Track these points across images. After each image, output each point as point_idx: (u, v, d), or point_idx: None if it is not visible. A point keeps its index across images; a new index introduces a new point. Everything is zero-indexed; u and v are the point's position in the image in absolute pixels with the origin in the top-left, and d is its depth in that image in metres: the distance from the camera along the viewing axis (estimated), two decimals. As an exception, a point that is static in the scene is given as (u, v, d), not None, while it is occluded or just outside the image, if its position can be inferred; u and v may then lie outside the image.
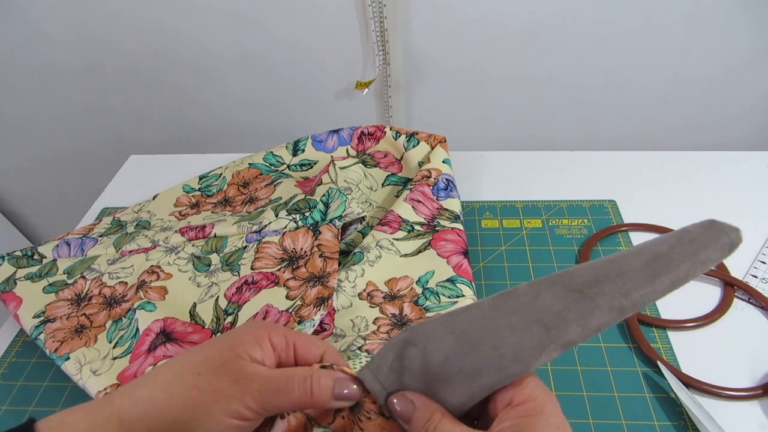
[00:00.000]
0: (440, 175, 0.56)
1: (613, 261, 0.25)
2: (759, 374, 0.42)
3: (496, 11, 0.77)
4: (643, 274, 0.23)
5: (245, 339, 0.26)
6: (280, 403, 0.25)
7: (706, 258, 0.24)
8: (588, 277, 0.24)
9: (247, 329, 0.27)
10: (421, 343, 0.25)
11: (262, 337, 0.27)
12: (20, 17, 0.84)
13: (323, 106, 0.93)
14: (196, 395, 0.25)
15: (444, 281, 0.48)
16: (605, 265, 0.24)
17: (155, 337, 0.44)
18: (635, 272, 0.24)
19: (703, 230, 0.25)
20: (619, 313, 0.23)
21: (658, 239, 0.25)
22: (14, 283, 0.51)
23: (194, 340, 0.44)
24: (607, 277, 0.24)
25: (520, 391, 0.23)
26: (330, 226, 0.52)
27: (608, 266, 0.24)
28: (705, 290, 0.49)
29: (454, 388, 0.24)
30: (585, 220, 0.57)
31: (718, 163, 0.63)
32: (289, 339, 0.27)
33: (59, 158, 1.08)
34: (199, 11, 0.81)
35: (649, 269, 0.23)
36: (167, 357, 0.41)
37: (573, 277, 0.25)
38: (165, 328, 0.44)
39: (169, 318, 0.45)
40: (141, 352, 0.43)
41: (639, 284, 0.23)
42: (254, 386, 0.25)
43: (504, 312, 0.25)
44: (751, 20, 0.75)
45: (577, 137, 0.94)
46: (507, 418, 0.22)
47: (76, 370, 0.43)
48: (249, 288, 0.48)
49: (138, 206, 0.62)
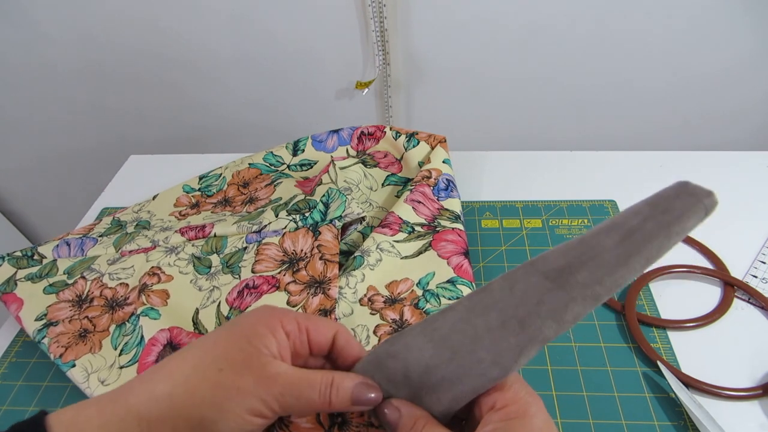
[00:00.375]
0: (440, 175, 0.56)
1: (585, 242, 0.24)
2: (759, 374, 0.42)
3: (497, 11, 0.77)
4: (616, 255, 0.23)
5: (259, 330, 0.26)
6: (300, 407, 0.25)
7: (680, 229, 0.23)
8: (560, 263, 0.24)
9: (259, 318, 0.27)
10: (401, 355, 0.25)
11: (275, 326, 0.26)
12: (21, 17, 0.84)
13: (323, 106, 0.93)
14: (221, 393, 0.24)
15: (444, 282, 0.48)
16: (578, 248, 0.24)
17: (162, 349, 0.44)
18: (608, 253, 0.23)
19: (676, 195, 0.24)
20: (595, 300, 0.23)
21: (630, 210, 0.24)
22: (15, 284, 0.51)
23: None
24: (581, 262, 0.23)
25: (504, 395, 0.23)
26: (330, 227, 0.52)
27: (581, 248, 0.24)
28: (705, 290, 0.49)
29: (438, 395, 0.24)
30: (585, 220, 0.57)
31: (718, 163, 0.63)
32: (301, 324, 0.27)
33: (59, 158, 1.08)
34: (200, 11, 0.81)
35: (622, 249, 0.23)
36: None
37: (546, 263, 0.24)
38: (171, 340, 0.44)
39: (174, 328, 0.45)
40: (149, 363, 0.43)
41: (613, 267, 0.23)
42: (277, 388, 0.25)
43: (480, 311, 0.24)
44: (751, 20, 0.75)
45: (577, 137, 0.94)
46: (490, 421, 0.23)
47: (83, 378, 0.43)
48: (250, 293, 0.48)
49: (138, 206, 0.62)
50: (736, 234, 0.53)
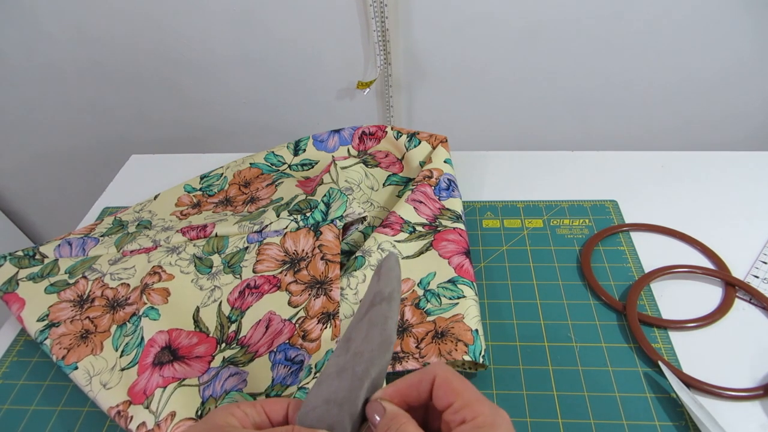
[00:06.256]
0: (442, 175, 0.56)
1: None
2: (760, 374, 0.42)
3: (498, 11, 0.77)
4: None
5: (218, 415, 0.27)
6: None
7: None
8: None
9: (214, 413, 0.28)
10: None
11: (232, 409, 0.28)
12: (22, 16, 0.84)
13: (324, 105, 0.93)
14: None
15: (445, 282, 0.48)
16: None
17: (160, 351, 0.43)
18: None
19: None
20: None
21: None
22: (16, 283, 0.51)
23: (200, 353, 0.44)
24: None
25: (471, 410, 0.25)
26: (331, 227, 0.52)
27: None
28: (706, 290, 0.49)
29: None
30: (586, 220, 0.57)
31: (718, 163, 0.63)
32: (256, 404, 0.28)
33: (61, 158, 1.08)
34: (201, 11, 0.81)
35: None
36: (176, 378, 0.41)
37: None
38: (170, 343, 0.44)
39: (173, 330, 0.45)
40: (147, 365, 0.43)
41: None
42: None
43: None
44: (752, 21, 0.75)
45: (579, 137, 0.94)
46: None
47: (86, 381, 0.43)
48: (251, 292, 0.48)
49: (139, 206, 0.62)
50: (737, 234, 0.53)
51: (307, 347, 0.44)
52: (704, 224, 0.54)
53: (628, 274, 0.51)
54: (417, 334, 0.44)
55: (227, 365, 0.43)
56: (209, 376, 0.42)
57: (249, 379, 0.42)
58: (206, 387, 0.41)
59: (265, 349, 0.44)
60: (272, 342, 0.44)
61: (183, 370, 0.42)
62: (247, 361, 0.43)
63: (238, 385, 0.41)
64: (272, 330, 0.45)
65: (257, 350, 0.44)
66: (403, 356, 0.42)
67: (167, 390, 0.40)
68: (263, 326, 0.46)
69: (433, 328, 0.44)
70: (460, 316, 0.44)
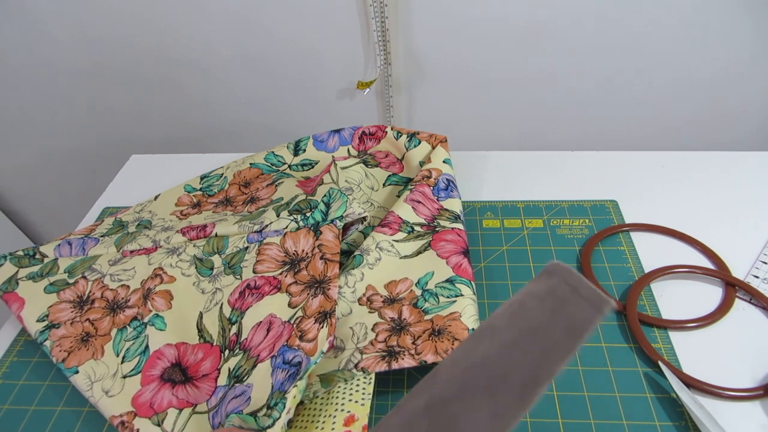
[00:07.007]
0: (440, 175, 0.56)
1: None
2: (760, 375, 0.42)
3: (498, 11, 0.77)
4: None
5: None
6: None
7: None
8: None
9: None
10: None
11: None
12: (22, 16, 0.84)
13: (324, 105, 0.93)
14: None
15: (443, 282, 0.48)
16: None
17: (170, 367, 0.44)
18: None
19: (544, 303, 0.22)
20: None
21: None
22: (16, 283, 0.51)
23: (206, 371, 0.44)
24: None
25: None
26: (331, 227, 0.52)
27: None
28: (706, 290, 0.49)
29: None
30: (586, 221, 0.57)
31: (718, 163, 0.63)
32: None
33: (61, 157, 1.08)
34: (202, 11, 0.81)
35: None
36: (190, 403, 0.42)
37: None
38: (179, 360, 0.44)
39: (181, 345, 0.45)
40: (153, 377, 0.43)
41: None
42: None
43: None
44: (752, 20, 0.75)
45: (578, 137, 0.94)
46: None
47: (87, 386, 0.43)
48: (252, 293, 0.48)
49: (139, 206, 0.62)
50: (737, 234, 0.53)
51: (304, 348, 0.43)
52: (704, 224, 0.54)
53: (628, 274, 0.51)
54: (414, 333, 0.44)
55: (233, 385, 0.43)
56: (216, 399, 0.42)
57: (252, 394, 0.42)
58: (215, 414, 0.41)
59: (266, 353, 0.44)
60: (273, 346, 0.44)
61: (194, 393, 0.43)
62: (250, 368, 0.43)
63: (240, 406, 0.41)
64: (273, 333, 0.45)
65: (259, 354, 0.44)
66: (399, 351, 0.42)
67: (183, 414, 0.41)
68: (264, 329, 0.45)
69: (430, 326, 0.44)
70: (457, 314, 0.44)
